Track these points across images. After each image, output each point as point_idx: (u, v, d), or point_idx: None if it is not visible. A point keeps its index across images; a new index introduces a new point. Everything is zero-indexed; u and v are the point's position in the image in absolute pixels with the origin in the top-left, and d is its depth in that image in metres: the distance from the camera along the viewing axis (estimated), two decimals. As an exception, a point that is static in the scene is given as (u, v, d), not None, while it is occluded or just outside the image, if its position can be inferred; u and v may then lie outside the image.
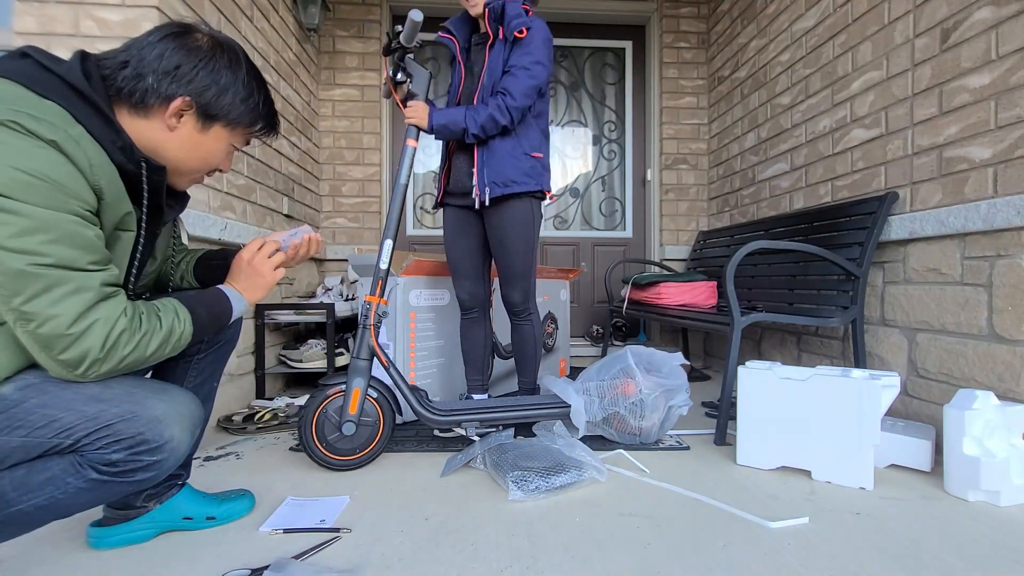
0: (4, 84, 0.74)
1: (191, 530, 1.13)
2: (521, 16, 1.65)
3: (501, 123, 1.64)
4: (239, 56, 0.94)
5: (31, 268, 0.71)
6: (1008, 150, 1.47)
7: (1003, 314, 1.48)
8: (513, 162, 1.69)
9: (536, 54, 1.64)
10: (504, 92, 1.63)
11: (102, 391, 0.82)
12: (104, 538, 1.07)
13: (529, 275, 1.81)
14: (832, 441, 1.42)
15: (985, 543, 1.10)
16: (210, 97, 0.89)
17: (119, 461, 0.82)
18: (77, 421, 0.80)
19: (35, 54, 0.78)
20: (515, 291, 1.82)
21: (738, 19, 3.03)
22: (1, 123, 0.70)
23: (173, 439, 0.85)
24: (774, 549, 1.07)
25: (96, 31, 1.64)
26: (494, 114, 1.62)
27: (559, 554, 1.05)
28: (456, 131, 1.64)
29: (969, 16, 1.59)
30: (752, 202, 2.89)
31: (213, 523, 1.15)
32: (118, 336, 0.79)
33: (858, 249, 1.87)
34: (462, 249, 1.86)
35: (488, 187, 1.68)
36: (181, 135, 0.90)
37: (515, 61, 1.65)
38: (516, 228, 1.74)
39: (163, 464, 0.86)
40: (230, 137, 0.96)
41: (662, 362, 1.74)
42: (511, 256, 1.77)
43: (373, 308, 1.52)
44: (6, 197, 0.69)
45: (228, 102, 0.92)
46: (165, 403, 0.86)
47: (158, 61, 0.84)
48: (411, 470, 1.51)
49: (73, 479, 0.82)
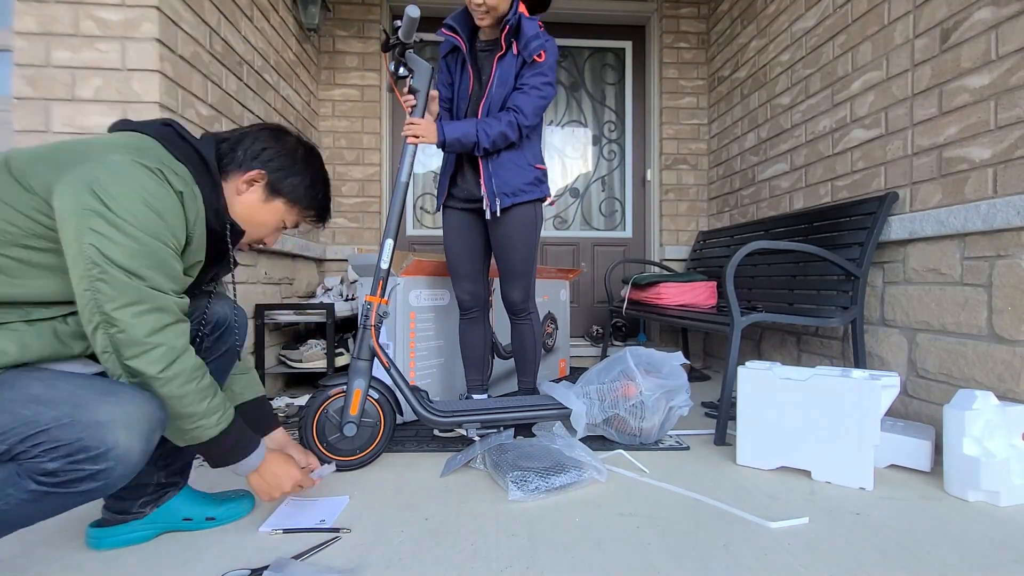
0: (152, 142, 0.94)
1: (191, 531, 1.14)
2: (539, 38, 1.67)
3: (511, 139, 1.70)
4: (315, 155, 1.14)
5: (132, 282, 0.84)
6: (1008, 150, 1.47)
7: (1003, 314, 1.48)
8: (519, 172, 1.74)
9: (549, 75, 1.70)
10: (516, 110, 1.67)
11: (45, 391, 0.79)
12: (103, 539, 1.07)
13: (530, 275, 1.85)
14: (832, 441, 1.42)
15: (985, 543, 1.10)
16: (281, 176, 1.07)
17: (57, 471, 0.76)
18: (11, 425, 0.75)
19: (176, 126, 1.00)
20: (516, 290, 1.84)
21: (738, 19, 3.04)
22: (150, 168, 0.87)
23: (119, 446, 0.78)
24: (774, 549, 1.07)
25: (96, 31, 1.64)
26: (506, 131, 1.67)
27: (559, 554, 1.05)
28: (468, 145, 1.66)
29: (969, 16, 1.59)
30: (752, 202, 2.89)
31: (213, 523, 1.15)
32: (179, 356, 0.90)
33: (858, 249, 1.87)
34: (462, 250, 1.87)
35: (498, 198, 1.72)
36: (246, 200, 1.06)
37: (528, 80, 1.69)
38: (521, 231, 1.79)
39: (110, 473, 0.79)
40: (286, 214, 1.11)
41: (662, 362, 1.74)
42: (513, 256, 1.80)
43: (374, 308, 1.52)
44: (131, 224, 0.83)
45: (295, 184, 1.09)
46: (111, 405, 0.80)
47: (251, 143, 1.06)
48: (411, 470, 1.51)
49: (13, 490, 0.76)
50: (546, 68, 1.69)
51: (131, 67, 1.65)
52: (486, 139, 1.66)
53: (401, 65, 1.60)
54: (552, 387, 1.78)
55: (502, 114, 1.68)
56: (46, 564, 1.01)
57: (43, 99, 1.62)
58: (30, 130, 1.61)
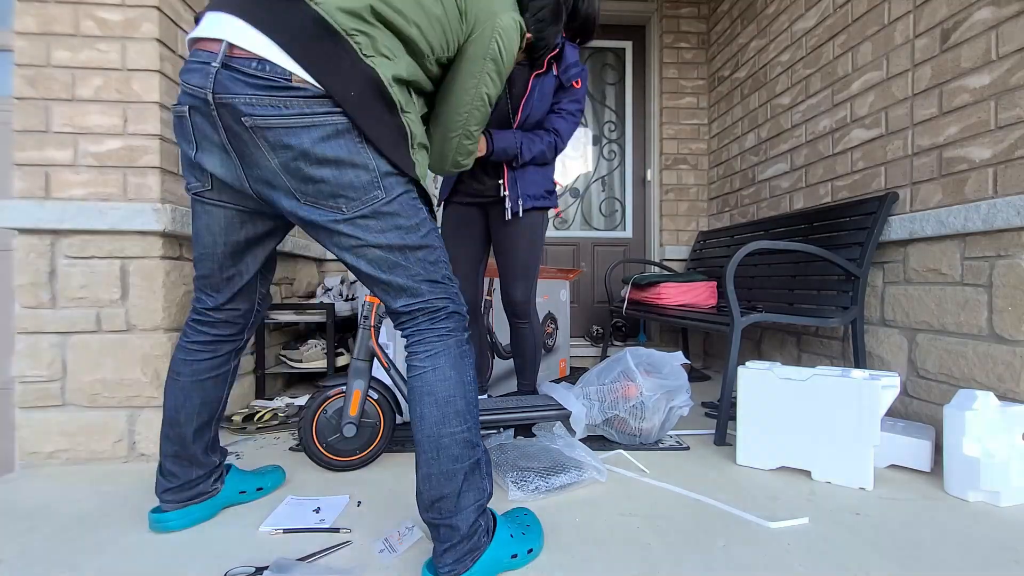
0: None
1: (246, 503, 1.28)
2: (578, 65, 1.79)
3: (548, 159, 1.83)
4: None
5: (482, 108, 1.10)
6: (1008, 150, 1.47)
7: (1003, 314, 1.48)
8: (541, 180, 1.84)
9: (582, 102, 1.84)
10: (557, 134, 1.80)
11: None
12: (172, 520, 1.14)
13: (531, 275, 1.87)
14: (832, 441, 1.42)
15: (985, 543, 1.10)
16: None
17: None
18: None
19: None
20: (517, 290, 1.86)
21: (738, 19, 3.03)
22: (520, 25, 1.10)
23: None
24: (774, 549, 1.07)
25: (96, 31, 1.63)
26: (546, 151, 1.79)
27: (559, 554, 1.05)
28: (510, 155, 1.75)
29: (969, 16, 1.59)
30: (752, 202, 2.88)
31: (262, 493, 1.32)
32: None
33: (858, 249, 1.87)
34: (459, 248, 1.88)
35: (522, 199, 1.79)
36: None
37: (566, 106, 1.80)
38: (530, 233, 1.84)
39: None
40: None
41: (662, 362, 1.74)
42: (519, 255, 1.84)
43: (374, 309, 1.52)
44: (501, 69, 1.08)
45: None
46: None
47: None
48: (411, 470, 1.51)
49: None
50: (580, 95, 1.81)
51: (131, 67, 1.64)
52: (528, 153, 1.76)
53: None
54: (552, 388, 1.78)
55: (543, 134, 1.78)
56: (51, 566, 1.01)
57: (43, 99, 1.62)
58: (30, 130, 1.61)
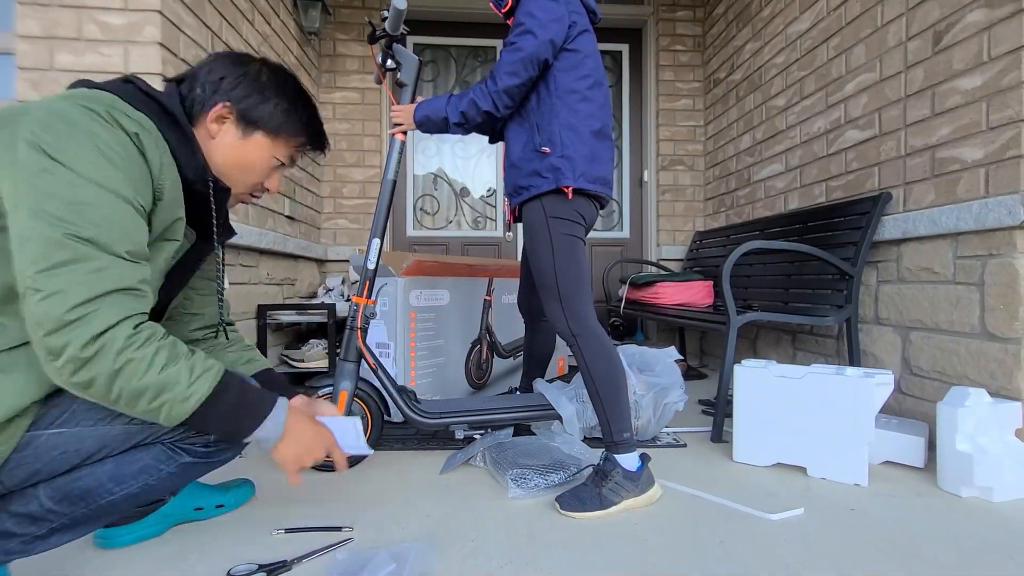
0: (108, 95, 0.79)
1: (202, 519, 1.17)
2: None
3: (483, 108, 1.37)
4: (286, 74, 0.97)
5: (65, 239, 0.67)
6: (999, 151, 1.49)
7: (995, 312, 1.50)
8: (526, 160, 1.40)
9: (527, 23, 1.31)
10: (489, 74, 1.37)
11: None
12: (116, 537, 1.07)
13: (553, 287, 1.36)
14: (827, 438, 1.44)
15: (978, 539, 1.12)
16: (250, 104, 0.91)
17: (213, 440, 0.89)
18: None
19: (137, 81, 0.86)
20: (544, 308, 1.42)
21: (733, 22, 3.06)
22: (96, 112, 0.73)
23: None
24: (770, 545, 1.09)
25: (99, 35, 1.65)
26: (475, 98, 1.37)
27: (558, 551, 1.07)
28: (438, 121, 1.43)
29: (962, 19, 1.61)
30: (748, 203, 2.91)
31: (222, 510, 1.20)
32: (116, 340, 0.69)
33: (852, 249, 1.89)
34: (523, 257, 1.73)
35: (513, 195, 1.45)
36: (222, 142, 0.91)
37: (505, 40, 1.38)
38: (532, 236, 1.41)
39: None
40: (272, 148, 0.95)
41: (655, 360, 1.75)
42: (535, 265, 1.42)
43: (360, 310, 1.49)
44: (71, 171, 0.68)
45: (269, 111, 0.92)
46: None
47: (207, 74, 0.91)
48: (411, 468, 1.53)
49: (165, 465, 0.88)
50: (520, 15, 1.34)
51: (134, 71, 1.66)
52: (454, 112, 1.39)
53: (388, 57, 1.57)
54: (546, 387, 1.78)
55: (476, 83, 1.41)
56: (54, 566, 1.01)
57: (46, 102, 1.64)
58: (33, 133, 1.63)
